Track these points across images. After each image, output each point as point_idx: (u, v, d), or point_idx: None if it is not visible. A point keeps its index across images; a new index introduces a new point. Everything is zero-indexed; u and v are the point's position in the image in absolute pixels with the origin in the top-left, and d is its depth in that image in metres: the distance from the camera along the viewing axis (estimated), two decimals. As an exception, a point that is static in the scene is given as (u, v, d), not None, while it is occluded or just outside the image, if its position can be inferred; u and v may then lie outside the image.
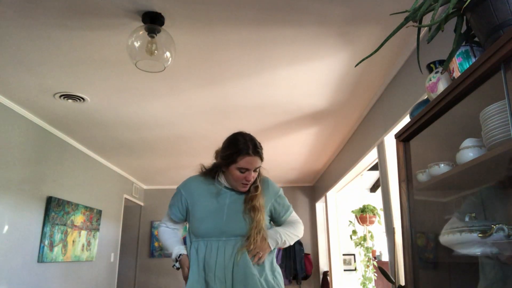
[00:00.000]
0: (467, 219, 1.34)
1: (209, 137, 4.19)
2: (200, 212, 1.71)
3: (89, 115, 3.58)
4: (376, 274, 4.88)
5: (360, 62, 1.54)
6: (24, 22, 2.15)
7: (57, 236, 4.00)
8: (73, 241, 4.36)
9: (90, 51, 2.46)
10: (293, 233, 1.82)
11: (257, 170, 1.69)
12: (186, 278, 1.68)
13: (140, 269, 6.90)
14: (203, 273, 1.64)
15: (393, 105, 2.82)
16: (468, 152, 1.29)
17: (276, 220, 1.82)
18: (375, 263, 4.85)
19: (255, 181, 1.71)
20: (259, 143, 1.70)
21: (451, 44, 1.31)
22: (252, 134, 1.75)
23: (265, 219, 1.70)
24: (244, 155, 1.62)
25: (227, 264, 1.62)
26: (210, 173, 1.76)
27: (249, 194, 1.70)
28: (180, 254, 1.73)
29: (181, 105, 3.35)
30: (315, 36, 2.32)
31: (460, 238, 1.29)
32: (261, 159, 1.69)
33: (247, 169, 1.64)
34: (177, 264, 1.74)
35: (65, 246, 4.16)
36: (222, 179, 1.74)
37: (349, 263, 6.29)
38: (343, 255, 5.99)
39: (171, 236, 1.84)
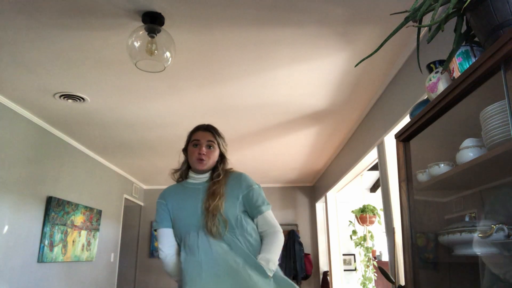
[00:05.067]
0: (467, 219, 1.34)
1: (209, 137, 4.18)
2: (179, 214, 1.73)
3: (89, 115, 3.58)
4: (376, 274, 4.88)
5: (360, 62, 1.54)
6: (24, 22, 2.15)
7: (57, 236, 4.00)
8: (73, 241, 4.36)
9: (90, 51, 2.46)
10: (276, 248, 1.70)
11: (213, 147, 1.76)
12: None
13: (140, 269, 6.90)
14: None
15: (393, 105, 2.82)
16: (468, 152, 1.29)
17: (250, 212, 1.73)
18: (375, 263, 4.86)
19: (216, 168, 1.77)
20: (215, 127, 1.84)
21: (451, 44, 1.31)
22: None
23: (235, 209, 1.68)
24: (196, 131, 1.82)
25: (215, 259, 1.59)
26: (181, 174, 1.84)
27: (212, 181, 1.74)
28: None
29: (181, 105, 3.35)
30: (315, 36, 2.32)
31: (460, 238, 1.29)
32: (214, 135, 1.79)
33: (199, 140, 1.76)
34: None
35: (65, 246, 4.16)
36: (192, 174, 1.80)
37: (349, 263, 6.29)
38: (343, 255, 5.99)
39: (174, 266, 1.76)
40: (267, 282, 1.57)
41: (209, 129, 1.82)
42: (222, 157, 1.82)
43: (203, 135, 1.78)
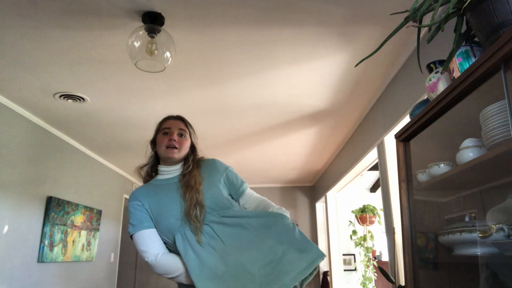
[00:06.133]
0: (467, 219, 1.34)
1: (209, 137, 4.18)
2: (161, 212, 1.53)
3: (89, 115, 3.58)
4: (376, 274, 4.88)
5: (360, 62, 1.54)
6: (24, 22, 2.15)
7: (57, 236, 4.00)
8: (73, 241, 4.36)
9: (90, 51, 2.46)
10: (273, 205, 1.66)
11: (184, 136, 1.65)
12: None
13: (140, 269, 6.90)
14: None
15: (393, 105, 2.82)
16: (468, 152, 1.29)
17: (234, 193, 1.66)
18: (375, 263, 4.86)
19: (186, 160, 1.65)
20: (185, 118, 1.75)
21: (451, 44, 1.31)
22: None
23: (222, 192, 1.59)
24: (166, 120, 1.71)
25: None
26: (148, 171, 1.69)
27: (182, 173, 1.61)
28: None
29: (181, 105, 3.35)
30: (315, 36, 2.32)
31: (460, 238, 1.29)
32: (186, 124, 1.70)
33: (169, 128, 1.64)
34: None
35: (65, 246, 4.16)
36: (161, 167, 1.65)
37: (349, 263, 6.29)
38: (343, 255, 5.99)
39: (172, 257, 1.49)
40: (289, 226, 1.48)
41: (180, 118, 1.73)
42: (193, 150, 1.71)
43: (174, 123, 1.67)
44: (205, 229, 1.47)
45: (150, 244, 1.48)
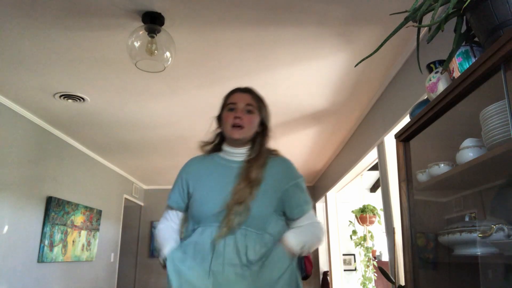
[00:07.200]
0: (467, 219, 1.34)
1: (209, 137, 4.18)
2: (201, 192, 1.41)
3: (89, 115, 3.58)
4: (376, 274, 4.88)
5: (360, 62, 1.54)
6: (24, 22, 2.15)
7: (57, 236, 4.00)
8: (73, 241, 4.36)
9: (90, 51, 2.46)
10: (313, 232, 1.42)
11: (252, 112, 1.45)
12: None
13: (140, 269, 6.90)
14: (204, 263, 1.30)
15: (393, 105, 2.82)
16: (468, 152, 1.29)
17: (291, 210, 1.42)
18: (375, 263, 4.86)
19: (254, 142, 1.46)
20: (255, 90, 1.53)
21: (451, 44, 1.31)
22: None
23: (268, 207, 1.36)
24: (232, 93, 1.51)
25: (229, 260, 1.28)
26: (213, 146, 1.52)
27: (246, 160, 1.42)
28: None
29: (181, 105, 3.35)
30: (315, 36, 2.32)
31: (460, 238, 1.29)
32: (254, 98, 1.48)
33: (235, 104, 1.44)
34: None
35: (65, 246, 4.16)
36: (226, 147, 1.48)
37: (349, 263, 6.28)
38: (343, 255, 5.99)
39: (169, 231, 1.47)
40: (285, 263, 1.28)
41: (249, 91, 1.50)
42: (263, 129, 1.50)
43: (241, 97, 1.46)
44: (226, 240, 1.30)
45: (168, 216, 1.49)
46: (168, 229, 1.48)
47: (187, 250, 1.35)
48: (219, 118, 1.51)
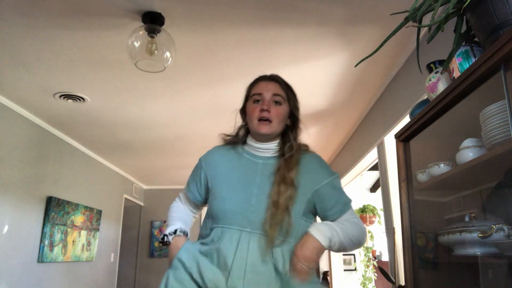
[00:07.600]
0: (467, 219, 1.34)
1: (209, 137, 4.18)
2: (221, 189, 1.26)
3: (89, 115, 3.58)
4: (376, 274, 4.88)
5: (360, 62, 1.54)
6: (24, 22, 2.15)
7: (57, 236, 4.00)
8: (73, 241, 4.36)
9: (90, 51, 2.46)
10: (352, 232, 1.22)
11: (280, 103, 1.31)
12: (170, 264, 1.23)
13: (140, 269, 6.90)
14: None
15: (393, 105, 2.82)
16: (468, 152, 1.29)
17: (326, 211, 1.26)
18: (375, 263, 4.86)
19: (286, 137, 1.32)
20: (283, 78, 1.36)
21: (451, 44, 1.31)
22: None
23: (300, 209, 1.20)
24: (256, 82, 1.36)
25: (246, 273, 1.12)
26: (236, 139, 1.38)
27: (282, 159, 1.25)
28: (178, 230, 1.27)
29: (181, 105, 3.35)
30: (315, 36, 2.32)
31: (460, 238, 1.29)
32: (282, 87, 1.32)
33: (261, 95, 1.29)
34: (170, 238, 1.25)
35: (65, 246, 4.16)
36: (251, 141, 1.33)
37: (349, 263, 6.28)
38: (343, 255, 5.99)
39: (180, 212, 1.38)
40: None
41: (275, 79, 1.34)
42: (293, 122, 1.37)
43: (267, 87, 1.30)
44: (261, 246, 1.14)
45: (184, 201, 1.43)
46: (179, 209, 1.41)
47: (208, 253, 1.19)
48: (243, 111, 1.37)
